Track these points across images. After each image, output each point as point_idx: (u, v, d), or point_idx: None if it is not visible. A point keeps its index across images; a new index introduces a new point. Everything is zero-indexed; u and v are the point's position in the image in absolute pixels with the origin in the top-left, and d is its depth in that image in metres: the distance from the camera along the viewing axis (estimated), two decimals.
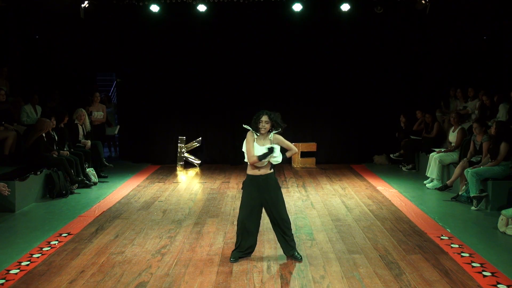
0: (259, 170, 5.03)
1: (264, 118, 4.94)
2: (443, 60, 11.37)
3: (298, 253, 5.19)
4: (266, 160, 4.96)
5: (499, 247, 5.69)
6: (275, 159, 5.00)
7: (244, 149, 5.09)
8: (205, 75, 11.40)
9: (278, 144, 5.02)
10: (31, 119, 9.16)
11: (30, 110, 9.28)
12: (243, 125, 5.12)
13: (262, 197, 5.06)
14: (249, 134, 5.05)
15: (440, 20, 10.96)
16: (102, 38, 11.67)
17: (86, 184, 8.83)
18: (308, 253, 5.36)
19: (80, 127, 9.84)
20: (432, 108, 10.89)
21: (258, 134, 5.01)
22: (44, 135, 8.35)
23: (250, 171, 5.09)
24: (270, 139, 5.01)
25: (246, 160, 5.07)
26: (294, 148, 5.15)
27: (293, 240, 5.24)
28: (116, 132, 12.05)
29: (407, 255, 5.29)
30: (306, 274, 4.80)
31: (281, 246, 5.26)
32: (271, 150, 4.91)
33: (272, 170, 5.10)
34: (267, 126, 4.95)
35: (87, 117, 10.10)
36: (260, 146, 4.97)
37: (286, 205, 5.21)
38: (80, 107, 10.31)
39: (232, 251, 5.22)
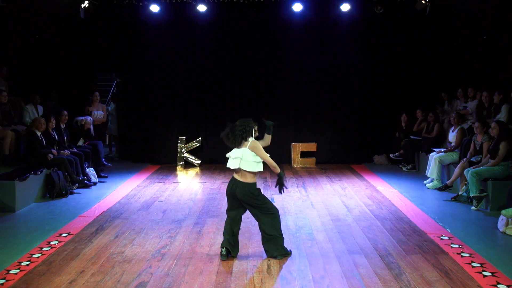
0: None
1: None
2: (443, 60, 11.35)
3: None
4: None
5: (499, 247, 5.69)
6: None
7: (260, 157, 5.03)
8: (205, 75, 11.40)
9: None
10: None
11: (31, 110, 9.32)
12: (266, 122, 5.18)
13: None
14: (256, 142, 5.06)
15: (440, 20, 10.95)
16: (102, 38, 11.66)
17: (86, 184, 8.83)
18: (308, 253, 5.36)
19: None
20: (432, 108, 10.87)
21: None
22: (38, 133, 8.30)
23: (254, 179, 5.10)
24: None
25: (259, 169, 5.02)
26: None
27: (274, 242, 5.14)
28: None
29: (407, 255, 5.29)
30: (306, 274, 4.79)
31: None
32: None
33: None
34: None
35: (92, 127, 10.20)
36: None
37: (286, 205, 5.18)
38: (80, 107, 10.29)
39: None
